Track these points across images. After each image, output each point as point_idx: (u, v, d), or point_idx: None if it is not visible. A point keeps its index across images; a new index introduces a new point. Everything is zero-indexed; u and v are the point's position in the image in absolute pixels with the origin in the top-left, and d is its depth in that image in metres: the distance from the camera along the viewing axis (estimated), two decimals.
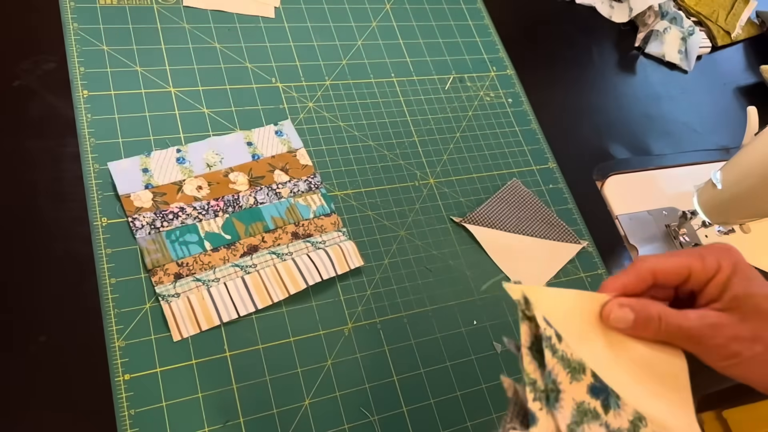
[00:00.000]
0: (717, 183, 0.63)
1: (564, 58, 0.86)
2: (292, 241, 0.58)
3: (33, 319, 0.48)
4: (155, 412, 0.47)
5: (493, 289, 0.62)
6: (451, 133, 0.71)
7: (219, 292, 0.53)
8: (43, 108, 0.57)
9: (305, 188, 0.61)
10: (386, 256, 0.61)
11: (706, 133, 0.87)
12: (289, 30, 0.71)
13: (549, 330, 0.30)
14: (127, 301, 0.51)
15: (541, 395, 0.30)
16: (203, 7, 0.69)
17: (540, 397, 0.30)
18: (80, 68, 0.60)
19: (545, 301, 0.31)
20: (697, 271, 0.32)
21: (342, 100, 0.69)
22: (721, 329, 0.31)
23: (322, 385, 0.52)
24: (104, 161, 0.56)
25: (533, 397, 0.30)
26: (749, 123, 0.65)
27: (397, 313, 0.58)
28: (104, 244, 0.52)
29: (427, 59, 0.76)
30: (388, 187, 0.65)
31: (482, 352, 0.59)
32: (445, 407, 0.55)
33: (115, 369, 0.48)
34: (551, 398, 0.30)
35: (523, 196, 0.69)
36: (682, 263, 0.33)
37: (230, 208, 0.57)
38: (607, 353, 0.32)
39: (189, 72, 0.64)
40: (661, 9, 0.92)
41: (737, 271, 0.32)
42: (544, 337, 0.30)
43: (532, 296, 0.31)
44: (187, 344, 0.51)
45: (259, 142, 0.62)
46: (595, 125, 0.81)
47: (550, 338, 0.30)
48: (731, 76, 0.96)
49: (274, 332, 0.53)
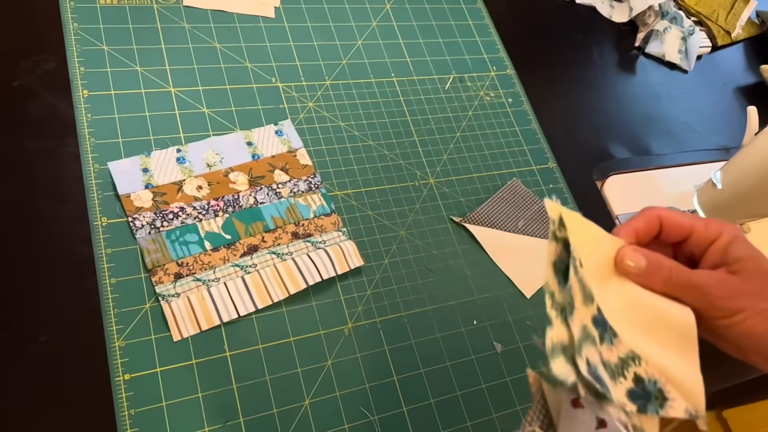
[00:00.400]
0: (717, 183, 0.63)
1: (564, 57, 0.86)
2: (292, 240, 0.58)
3: (33, 319, 0.48)
4: (155, 412, 0.47)
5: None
6: (451, 133, 0.71)
7: (219, 291, 0.53)
8: (43, 108, 0.57)
9: (305, 188, 0.61)
10: (386, 256, 0.61)
11: (706, 133, 0.86)
12: (289, 30, 0.71)
13: (575, 253, 0.32)
14: (127, 301, 0.51)
15: (558, 306, 0.32)
16: (203, 7, 0.69)
17: (556, 308, 0.32)
18: (80, 68, 0.60)
19: (577, 230, 0.33)
20: (699, 231, 0.34)
21: (342, 100, 0.69)
22: (728, 284, 0.32)
23: (322, 385, 0.52)
24: (104, 161, 0.56)
25: (551, 305, 0.32)
26: (749, 123, 0.65)
27: (397, 313, 0.58)
28: (104, 244, 0.52)
29: (427, 59, 0.76)
30: (388, 187, 0.65)
31: (482, 352, 0.59)
32: (445, 407, 0.55)
33: (115, 369, 0.48)
34: (567, 311, 0.32)
35: (523, 196, 0.69)
36: (687, 220, 0.34)
37: (230, 208, 0.57)
38: (615, 294, 0.33)
39: (189, 72, 0.64)
40: (661, 9, 0.92)
41: (738, 237, 0.33)
42: (572, 257, 0.32)
43: (568, 220, 0.32)
44: (187, 344, 0.51)
45: (259, 141, 0.62)
46: (595, 125, 0.81)
47: (575, 260, 0.32)
48: (731, 76, 0.96)
49: (274, 332, 0.53)
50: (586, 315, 0.32)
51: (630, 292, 0.33)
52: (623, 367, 0.31)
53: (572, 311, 0.32)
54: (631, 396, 0.31)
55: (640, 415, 0.31)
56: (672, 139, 0.84)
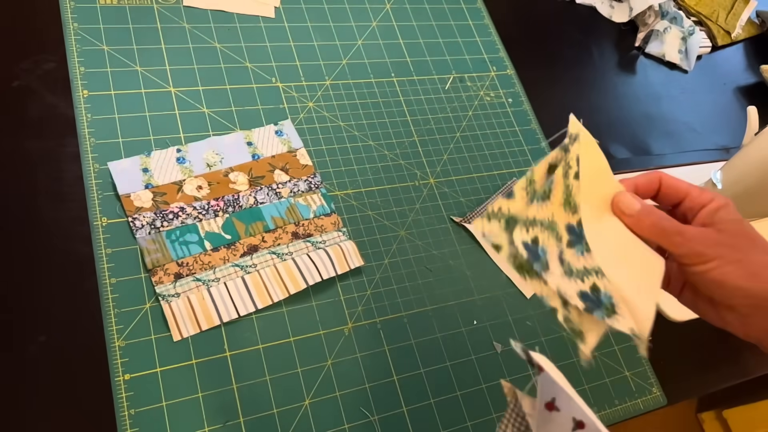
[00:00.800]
0: (717, 183, 0.63)
1: (564, 58, 0.86)
2: (292, 240, 0.58)
3: (33, 319, 0.48)
4: (155, 412, 0.47)
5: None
6: (451, 133, 0.71)
7: (219, 291, 0.53)
8: (43, 108, 0.57)
9: (305, 188, 0.61)
10: (386, 256, 0.61)
11: (706, 133, 0.87)
12: (289, 30, 0.71)
13: (576, 166, 0.35)
14: (127, 301, 0.51)
15: (530, 190, 0.37)
16: (203, 7, 0.69)
17: (528, 191, 0.37)
18: (80, 68, 0.60)
19: (589, 152, 0.36)
20: (693, 196, 0.37)
21: (342, 100, 0.69)
22: (708, 236, 0.35)
23: (322, 385, 0.52)
24: (104, 161, 0.56)
25: (524, 185, 0.37)
26: (749, 123, 0.65)
27: (397, 313, 0.58)
28: (104, 244, 0.52)
29: (427, 59, 0.76)
30: (388, 187, 0.65)
31: (482, 352, 0.59)
32: (445, 407, 0.55)
33: (115, 369, 0.48)
34: (537, 197, 0.36)
35: None
36: (683, 184, 0.38)
37: (230, 208, 0.57)
38: (602, 224, 0.36)
39: (189, 72, 0.64)
40: (661, 9, 0.92)
41: (728, 205, 0.36)
42: (567, 163, 0.35)
43: (584, 140, 0.36)
44: (187, 344, 0.51)
45: (259, 141, 0.62)
46: (595, 125, 0.81)
47: (571, 168, 0.35)
48: (731, 76, 0.96)
49: (274, 332, 0.53)
50: (560, 216, 0.35)
51: (616, 228, 0.36)
52: (584, 274, 0.35)
53: (543, 200, 0.36)
54: (582, 297, 0.34)
55: (582, 314, 0.35)
56: (672, 139, 0.84)
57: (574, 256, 0.35)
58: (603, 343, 0.64)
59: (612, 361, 0.62)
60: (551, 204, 0.36)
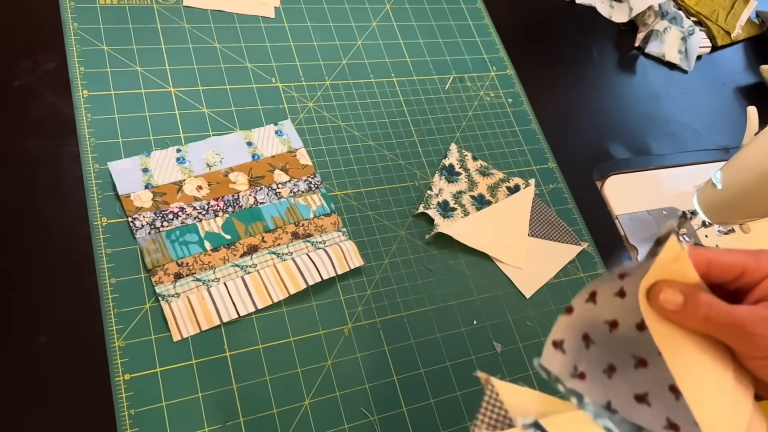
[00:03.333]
0: (717, 183, 0.63)
1: (564, 58, 0.86)
2: (292, 240, 0.58)
3: (33, 319, 0.48)
4: (155, 412, 0.47)
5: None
6: (451, 133, 0.71)
7: (219, 292, 0.53)
8: (43, 108, 0.57)
9: (305, 188, 0.61)
10: (386, 256, 0.61)
11: (706, 133, 0.87)
12: (289, 30, 0.71)
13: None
14: (127, 301, 0.51)
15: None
16: (203, 7, 0.69)
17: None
18: (80, 68, 0.60)
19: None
20: (751, 270, 0.31)
21: (342, 100, 0.69)
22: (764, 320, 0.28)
23: (322, 385, 0.52)
24: (104, 161, 0.56)
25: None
26: (749, 123, 0.65)
27: (397, 313, 0.58)
28: (104, 244, 0.52)
29: (427, 59, 0.76)
30: (388, 187, 0.65)
31: (482, 352, 0.59)
32: (445, 407, 0.55)
33: (115, 369, 0.48)
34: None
35: None
36: (738, 259, 0.31)
37: (230, 208, 0.57)
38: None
39: (189, 72, 0.64)
40: (661, 9, 0.92)
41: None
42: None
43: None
44: (187, 344, 0.51)
45: (259, 142, 0.62)
46: (595, 125, 0.81)
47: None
48: (731, 76, 0.96)
49: (274, 332, 0.53)
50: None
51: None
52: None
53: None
54: None
55: None
56: (672, 139, 0.84)
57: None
58: None
59: None
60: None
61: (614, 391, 0.30)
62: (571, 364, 0.31)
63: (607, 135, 0.80)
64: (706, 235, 0.75)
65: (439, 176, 0.67)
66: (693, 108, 0.88)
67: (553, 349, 0.31)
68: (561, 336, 0.31)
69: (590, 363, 0.31)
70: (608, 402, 0.30)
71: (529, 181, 0.70)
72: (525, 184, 0.69)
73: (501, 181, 0.69)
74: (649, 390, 0.29)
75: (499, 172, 0.70)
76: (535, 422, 0.27)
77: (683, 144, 0.84)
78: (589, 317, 0.31)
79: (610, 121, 0.82)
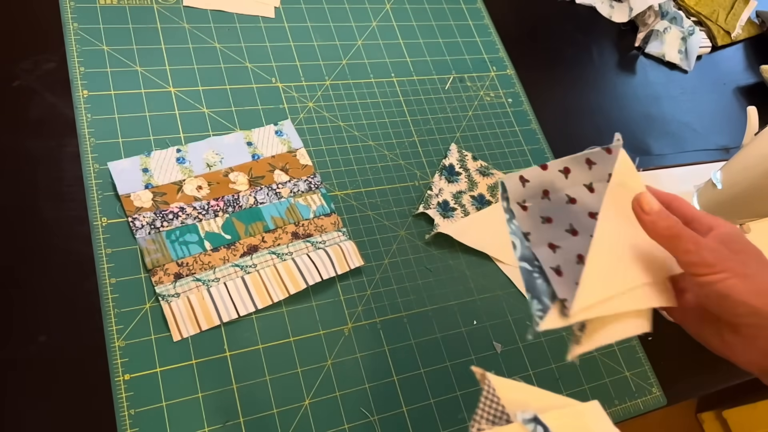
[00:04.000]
0: (717, 183, 0.63)
1: (564, 57, 0.86)
2: (292, 241, 0.58)
3: (33, 319, 0.48)
4: (155, 412, 0.47)
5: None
6: (451, 133, 0.71)
7: (219, 292, 0.53)
8: (43, 108, 0.57)
9: (305, 188, 0.61)
10: (386, 256, 0.61)
11: (706, 133, 0.87)
12: (289, 30, 0.71)
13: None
14: (127, 301, 0.51)
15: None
16: (203, 7, 0.69)
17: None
18: (80, 68, 0.60)
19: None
20: (702, 220, 0.37)
21: (342, 100, 0.69)
22: (722, 251, 0.35)
23: (322, 385, 0.52)
24: (104, 161, 0.56)
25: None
26: (749, 123, 0.65)
27: (397, 313, 0.58)
28: (104, 244, 0.52)
29: (427, 59, 0.76)
30: (388, 187, 0.65)
31: (482, 352, 0.59)
32: (445, 407, 0.55)
33: (115, 369, 0.48)
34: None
35: None
36: (693, 209, 0.39)
37: (230, 208, 0.57)
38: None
39: (189, 72, 0.64)
40: (661, 9, 0.92)
41: (738, 229, 0.37)
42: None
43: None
44: (187, 344, 0.51)
45: (259, 142, 0.62)
46: (595, 125, 0.81)
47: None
48: (731, 76, 0.96)
49: (274, 332, 0.53)
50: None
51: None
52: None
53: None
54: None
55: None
56: (672, 139, 0.84)
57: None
58: None
59: (612, 361, 0.62)
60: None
61: (539, 232, 0.39)
62: (523, 197, 0.40)
63: (607, 135, 0.80)
64: None
65: (439, 176, 0.67)
66: (693, 108, 0.88)
67: (518, 180, 0.39)
68: (529, 177, 0.39)
69: (536, 207, 0.40)
70: (528, 233, 0.39)
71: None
72: None
73: None
74: (562, 246, 0.38)
75: (499, 172, 0.70)
76: (534, 417, 0.28)
77: (683, 144, 0.84)
78: (555, 183, 0.40)
79: (610, 121, 0.82)
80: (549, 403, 0.30)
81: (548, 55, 0.85)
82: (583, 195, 0.40)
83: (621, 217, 0.38)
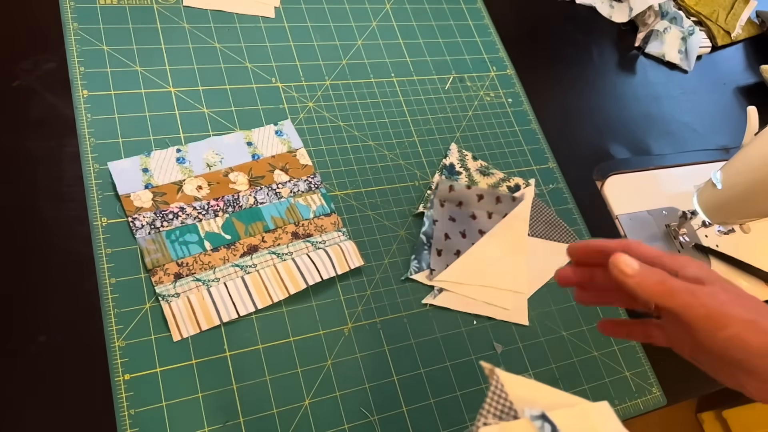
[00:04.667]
0: (717, 183, 0.63)
1: (564, 58, 0.86)
2: (292, 241, 0.58)
3: (33, 319, 0.48)
4: (155, 412, 0.47)
5: None
6: (451, 133, 0.71)
7: (219, 292, 0.53)
8: (43, 108, 0.57)
9: (305, 188, 0.61)
10: (386, 256, 0.61)
11: (706, 133, 0.87)
12: (289, 30, 0.71)
13: None
14: (127, 301, 0.51)
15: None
16: (203, 7, 0.69)
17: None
18: (80, 68, 0.60)
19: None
20: (666, 261, 0.35)
21: (342, 100, 0.69)
22: (719, 295, 0.32)
23: (322, 385, 0.52)
24: (104, 161, 0.56)
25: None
26: (749, 123, 0.65)
27: (397, 313, 0.58)
28: (104, 244, 0.52)
29: (427, 59, 0.76)
30: (388, 187, 0.65)
31: (482, 352, 0.59)
32: (445, 407, 0.55)
33: (115, 369, 0.48)
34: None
35: None
36: (653, 250, 0.35)
37: (230, 208, 0.57)
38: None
39: (189, 72, 0.64)
40: (661, 9, 0.92)
41: (705, 264, 0.35)
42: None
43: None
44: (187, 344, 0.51)
45: (259, 142, 0.62)
46: (595, 125, 0.81)
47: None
48: (731, 76, 0.96)
49: (274, 332, 0.53)
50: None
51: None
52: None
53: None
54: None
55: None
56: (672, 139, 0.84)
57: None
58: (603, 342, 0.64)
59: (612, 361, 0.62)
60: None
61: (443, 224, 0.62)
62: (446, 198, 0.64)
63: (607, 135, 0.80)
64: (706, 235, 0.75)
65: (439, 176, 0.67)
66: (693, 108, 0.88)
67: (447, 187, 0.63)
68: (456, 189, 0.64)
69: (450, 208, 0.63)
70: (436, 221, 0.62)
71: (529, 181, 0.70)
72: (525, 183, 0.69)
73: (501, 180, 0.69)
74: (452, 240, 0.61)
75: (499, 171, 0.70)
76: (542, 414, 0.28)
77: (683, 144, 0.84)
78: (470, 201, 0.64)
79: (610, 121, 0.82)
80: (557, 401, 0.30)
81: (548, 55, 0.85)
82: (482, 217, 0.64)
83: (497, 243, 0.61)
